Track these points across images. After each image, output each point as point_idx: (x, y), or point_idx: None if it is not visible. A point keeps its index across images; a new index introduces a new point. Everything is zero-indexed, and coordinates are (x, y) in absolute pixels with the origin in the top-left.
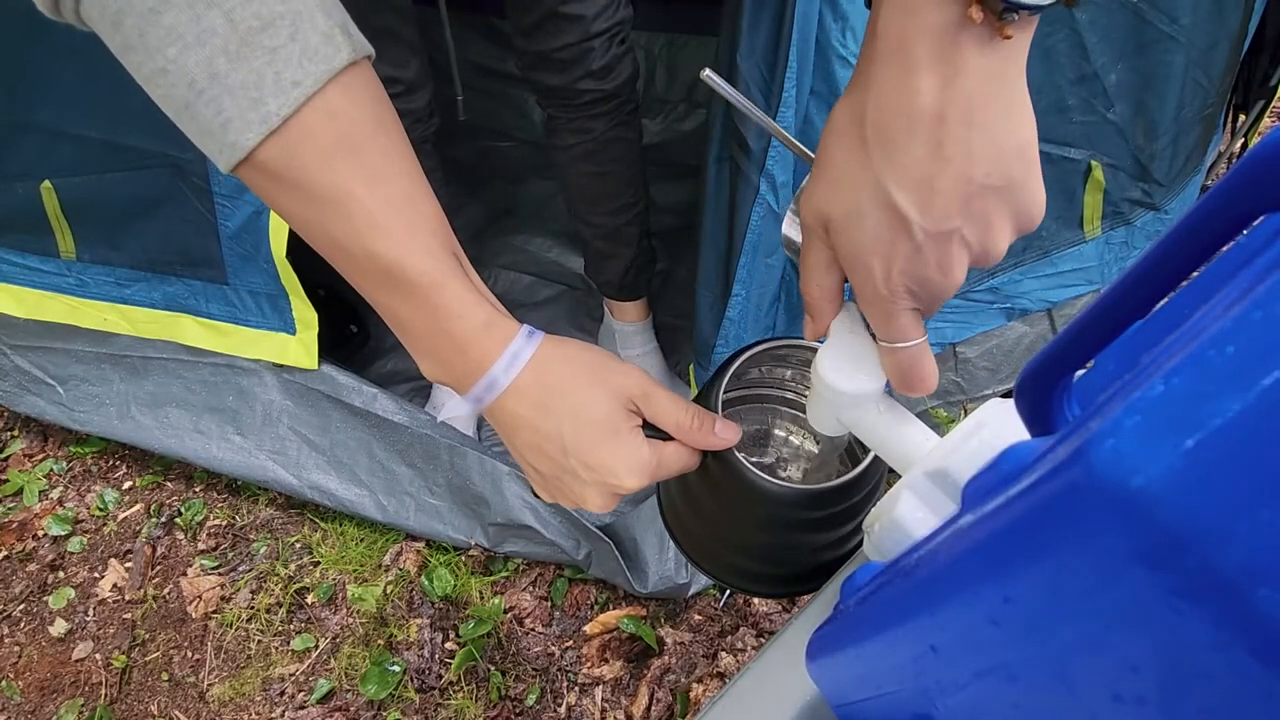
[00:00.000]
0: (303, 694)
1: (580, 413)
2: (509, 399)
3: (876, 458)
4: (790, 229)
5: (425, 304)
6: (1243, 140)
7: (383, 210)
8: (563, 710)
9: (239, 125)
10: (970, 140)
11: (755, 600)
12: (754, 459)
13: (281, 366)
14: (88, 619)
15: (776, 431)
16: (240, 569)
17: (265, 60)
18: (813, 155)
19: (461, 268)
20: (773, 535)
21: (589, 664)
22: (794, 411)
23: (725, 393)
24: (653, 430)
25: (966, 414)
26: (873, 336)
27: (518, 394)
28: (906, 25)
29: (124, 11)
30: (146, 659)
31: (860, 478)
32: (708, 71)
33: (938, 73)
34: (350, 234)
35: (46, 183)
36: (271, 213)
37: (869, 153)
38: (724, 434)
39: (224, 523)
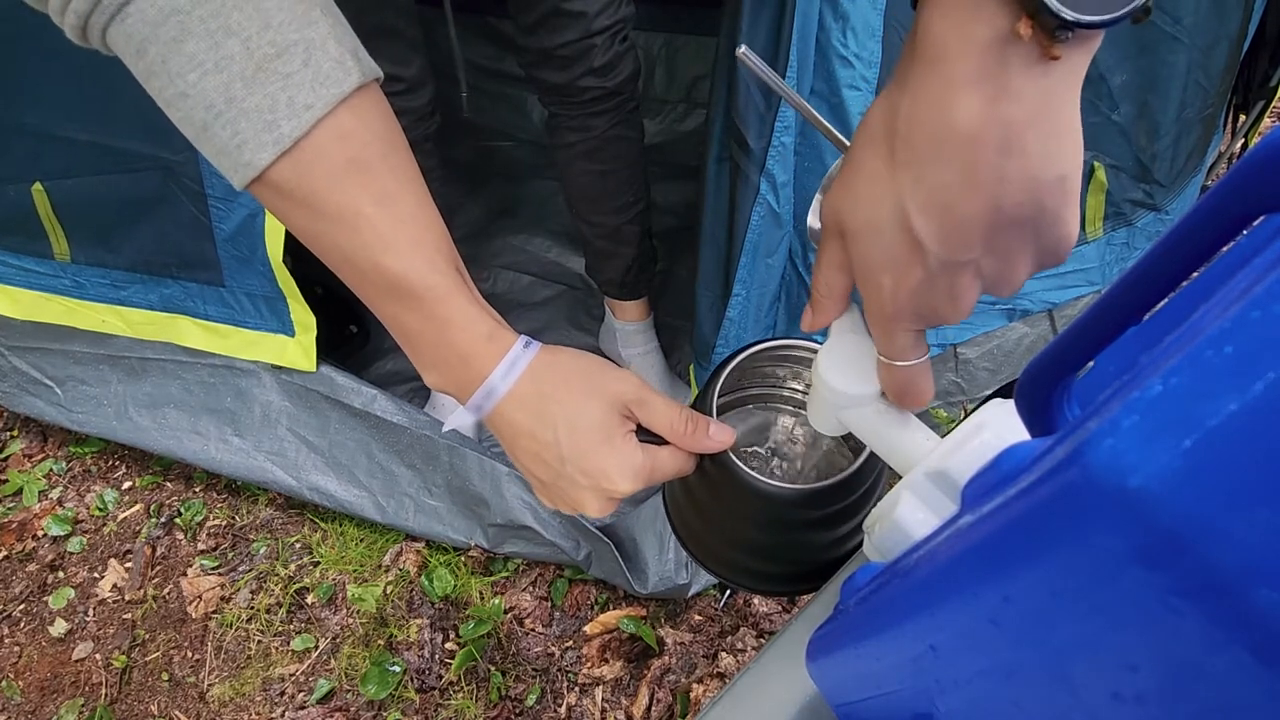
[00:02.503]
0: (303, 694)
1: (575, 420)
2: (507, 406)
3: (872, 455)
4: (815, 219)
5: (431, 316)
6: (1243, 140)
7: (390, 227)
8: (563, 710)
9: (254, 146)
10: (1004, 168)
11: (755, 600)
12: (751, 459)
13: (280, 367)
14: (88, 619)
15: (775, 430)
16: (240, 569)
17: (279, 85)
18: (848, 143)
19: (464, 281)
20: (773, 534)
21: (589, 664)
22: (793, 410)
23: (722, 393)
24: (648, 435)
25: (966, 414)
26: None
27: (515, 401)
28: (952, 35)
29: (148, 40)
30: (146, 659)
31: (855, 475)
32: (744, 49)
33: (980, 92)
34: (358, 249)
35: (38, 185)
36: (267, 216)
37: (895, 167)
38: (718, 436)
39: (224, 523)
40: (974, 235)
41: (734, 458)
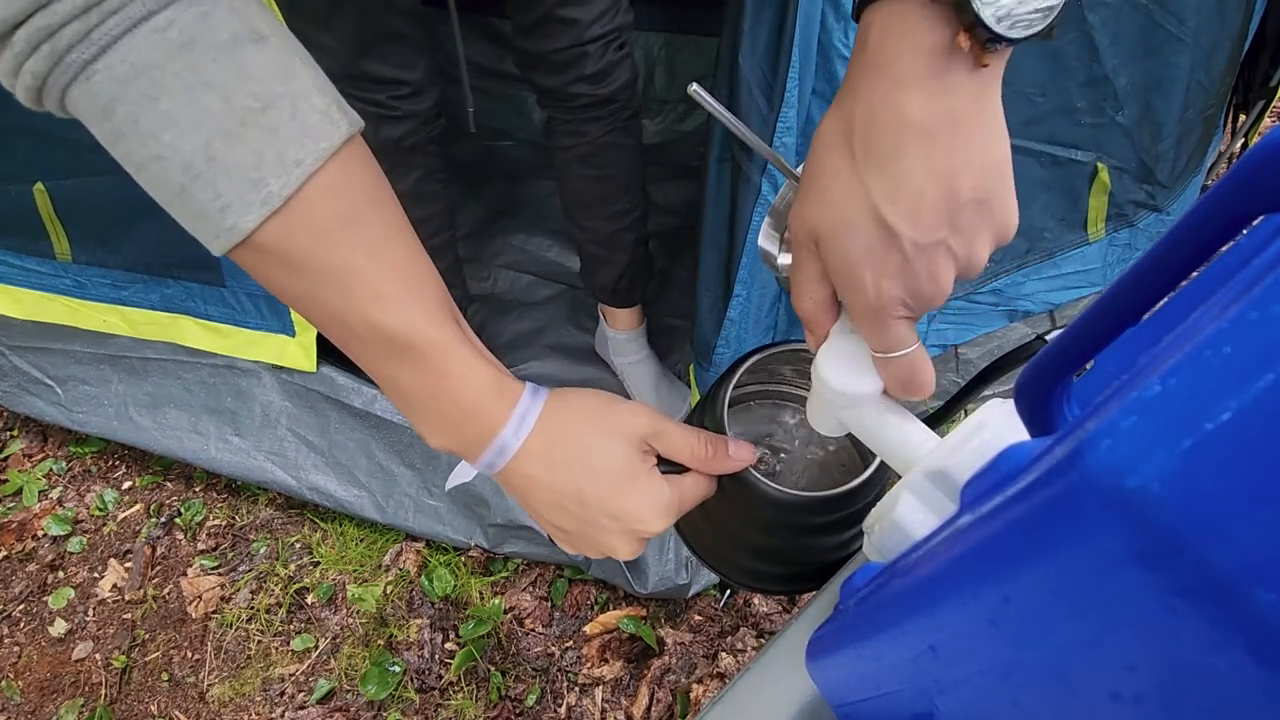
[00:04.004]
0: (303, 694)
1: (595, 463)
2: (521, 462)
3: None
4: (766, 241)
5: (432, 371)
6: (1243, 140)
7: (385, 281)
8: (563, 710)
9: (238, 207)
10: (955, 155)
11: (755, 600)
12: (762, 463)
13: (280, 367)
14: (88, 619)
15: (781, 430)
16: (240, 569)
17: (265, 140)
18: (797, 173)
19: (464, 331)
20: (781, 539)
21: (589, 664)
22: (798, 409)
23: (731, 394)
24: (667, 464)
25: (967, 414)
26: None
27: (529, 456)
28: (897, 43)
29: (117, 99)
30: (146, 659)
31: (870, 480)
32: (695, 87)
33: (926, 88)
34: (351, 307)
35: (39, 185)
36: None
37: (857, 166)
38: (738, 455)
39: (224, 523)
40: (940, 216)
41: (751, 471)
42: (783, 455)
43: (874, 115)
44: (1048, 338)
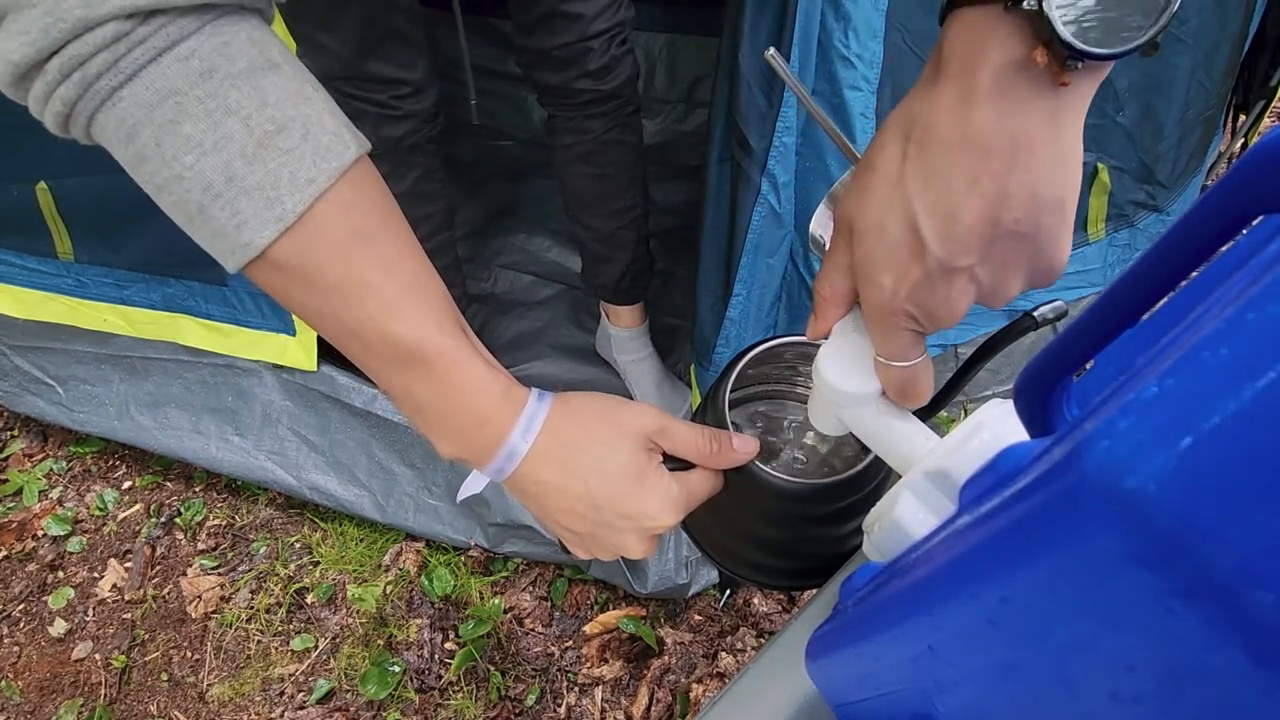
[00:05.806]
0: (302, 694)
1: (604, 465)
2: (530, 465)
3: None
4: (819, 225)
5: (445, 381)
6: (1243, 140)
7: (397, 294)
8: (563, 710)
9: (254, 224)
10: (1008, 181)
11: (755, 600)
12: (765, 454)
13: (281, 367)
14: (87, 619)
15: (785, 424)
16: (240, 569)
17: (281, 161)
18: (859, 155)
19: (472, 342)
20: (787, 530)
21: (589, 664)
22: (800, 403)
23: (733, 391)
24: (674, 461)
25: (966, 415)
26: None
27: (538, 458)
28: (972, 52)
29: (141, 124)
30: (146, 659)
31: (869, 468)
32: (771, 51)
33: (992, 106)
34: (365, 320)
35: (42, 184)
36: None
37: (906, 169)
38: (743, 449)
39: (224, 523)
40: (973, 241)
41: (755, 462)
42: (786, 447)
43: (933, 123)
44: (1036, 314)
